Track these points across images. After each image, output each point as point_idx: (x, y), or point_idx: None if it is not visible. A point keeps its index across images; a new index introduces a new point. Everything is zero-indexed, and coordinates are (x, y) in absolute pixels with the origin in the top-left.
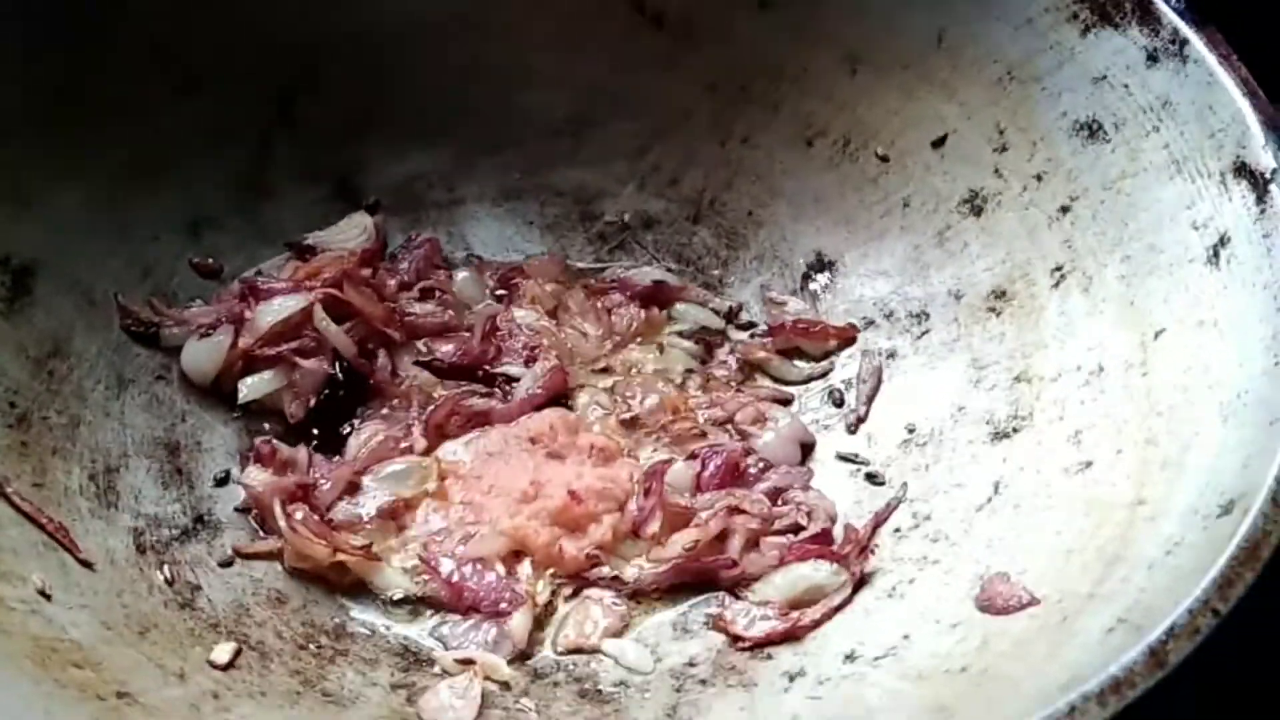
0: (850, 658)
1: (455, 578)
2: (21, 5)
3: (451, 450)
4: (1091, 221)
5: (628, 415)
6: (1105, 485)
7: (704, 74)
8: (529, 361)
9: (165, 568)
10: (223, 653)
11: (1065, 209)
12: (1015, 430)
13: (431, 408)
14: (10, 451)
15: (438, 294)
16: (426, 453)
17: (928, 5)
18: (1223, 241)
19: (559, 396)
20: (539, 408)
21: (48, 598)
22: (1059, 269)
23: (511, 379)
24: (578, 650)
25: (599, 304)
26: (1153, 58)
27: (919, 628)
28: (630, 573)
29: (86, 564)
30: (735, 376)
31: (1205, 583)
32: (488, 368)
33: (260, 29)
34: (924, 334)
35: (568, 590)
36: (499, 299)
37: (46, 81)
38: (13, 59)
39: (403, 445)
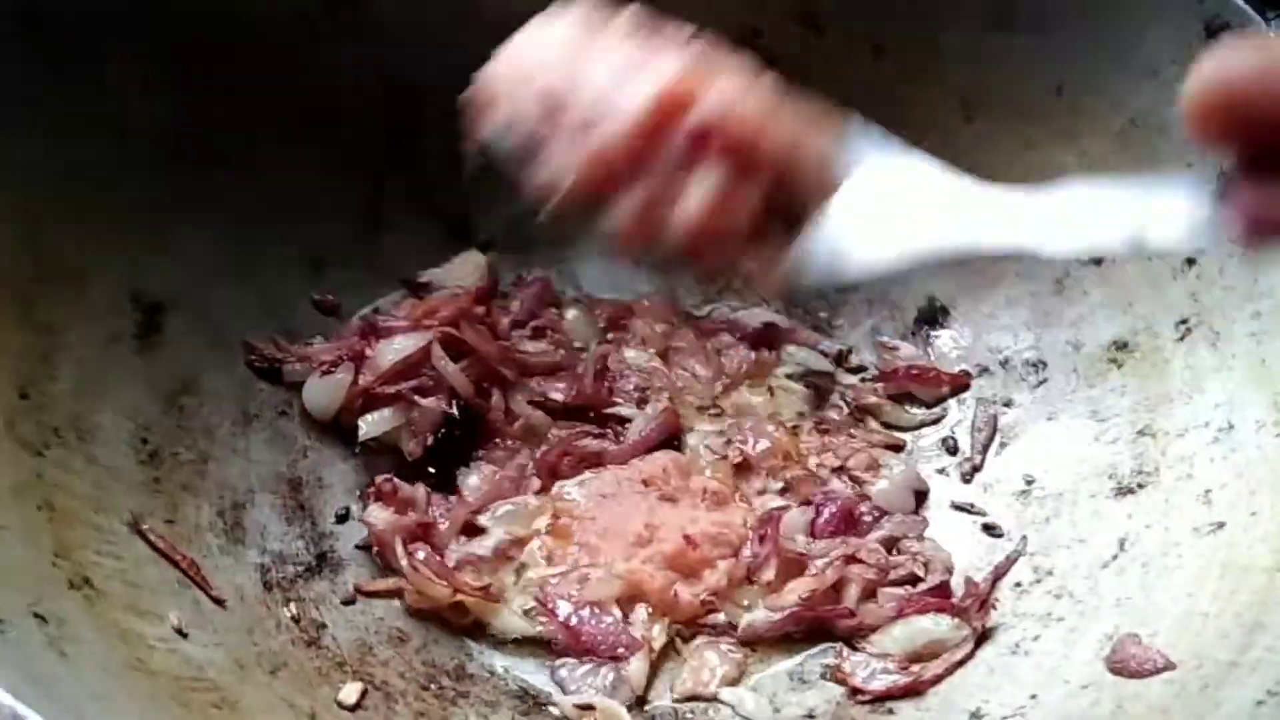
0: (976, 716)
1: (573, 621)
2: (142, 49)
3: (565, 490)
4: (1219, 276)
5: (739, 459)
6: (1241, 548)
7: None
8: (640, 403)
9: (291, 605)
10: (350, 693)
11: (1191, 261)
12: (1140, 486)
13: (545, 448)
14: (143, 489)
15: (549, 333)
16: (541, 492)
17: (1046, 54)
18: None
19: (671, 438)
20: (651, 449)
21: (185, 636)
22: (1184, 322)
23: (624, 420)
24: (695, 698)
25: (709, 345)
26: None
27: (1047, 688)
28: (745, 620)
29: (219, 601)
30: (847, 421)
31: None
32: (600, 409)
33: (376, 68)
34: (1041, 383)
35: (683, 636)
36: (608, 340)
37: (180, 123)
38: (150, 101)
39: (519, 484)
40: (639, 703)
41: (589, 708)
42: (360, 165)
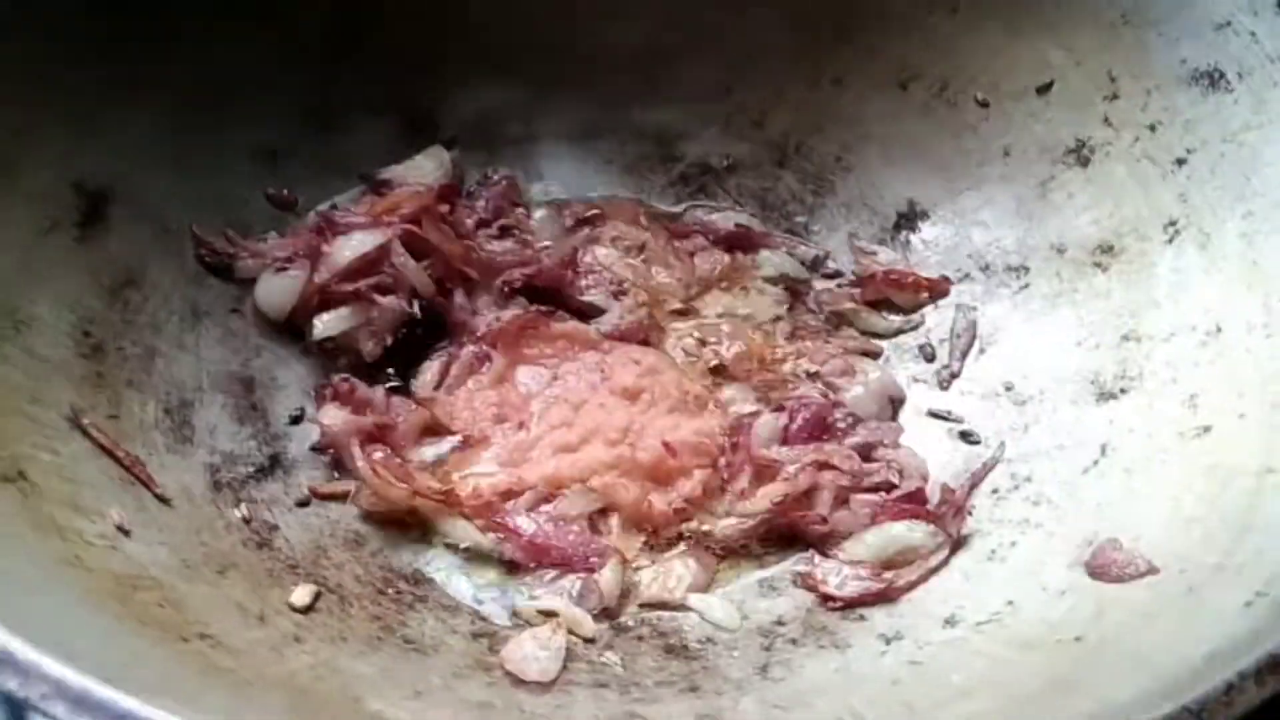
0: (951, 622)
1: (539, 538)
2: None
3: (531, 376)
4: (1210, 175)
5: (714, 362)
6: (1227, 451)
7: (792, 8)
8: (617, 295)
9: (242, 506)
10: (303, 595)
11: (1181, 161)
12: (1123, 391)
13: (510, 315)
14: (85, 382)
15: (516, 232)
16: (505, 374)
17: None
18: None
19: (644, 340)
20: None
21: (127, 534)
22: (1173, 224)
23: (596, 312)
24: (661, 605)
25: (681, 247)
26: None
27: (1024, 593)
28: (718, 527)
29: (164, 500)
30: (823, 326)
31: None
32: (571, 296)
33: None
34: (1023, 289)
35: (654, 545)
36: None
37: (117, 10)
38: None
39: (475, 370)
40: (605, 613)
41: (552, 614)
42: (314, 54)
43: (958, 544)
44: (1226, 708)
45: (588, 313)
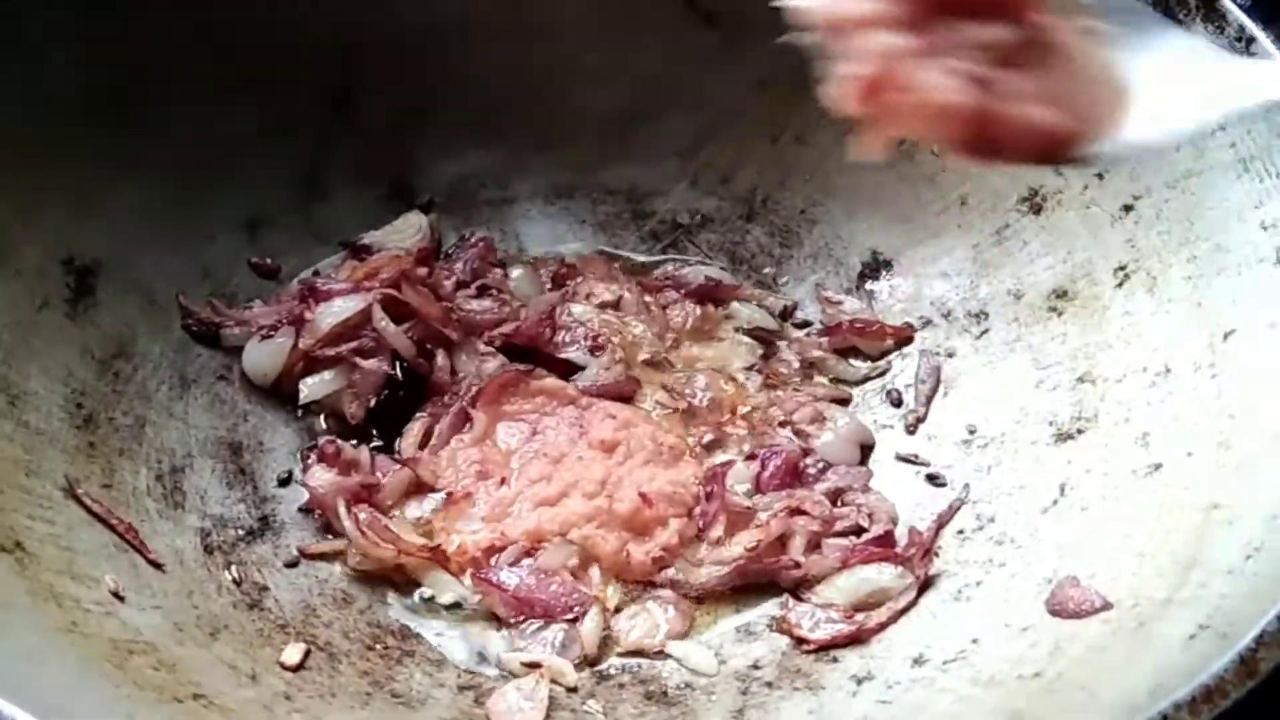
0: (919, 662)
1: (523, 592)
2: (80, 5)
3: (511, 433)
4: (1156, 220)
5: (684, 406)
6: (1177, 488)
7: (756, 70)
8: (594, 350)
9: (233, 568)
10: (293, 654)
11: (1128, 208)
12: (1080, 431)
13: (489, 377)
14: (79, 453)
15: (494, 292)
16: (486, 431)
17: None
18: None
19: (627, 395)
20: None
21: (121, 599)
22: (1122, 268)
23: (575, 367)
24: (640, 653)
25: (654, 301)
26: None
27: (988, 632)
28: (694, 575)
29: (157, 565)
30: (796, 376)
31: None
32: (549, 353)
33: (311, 29)
34: (983, 334)
35: (632, 595)
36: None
37: (105, 82)
38: (72, 59)
39: (458, 429)
40: (587, 661)
41: (536, 665)
42: (297, 125)
43: (926, 584)
44: None
45: (567, 368)
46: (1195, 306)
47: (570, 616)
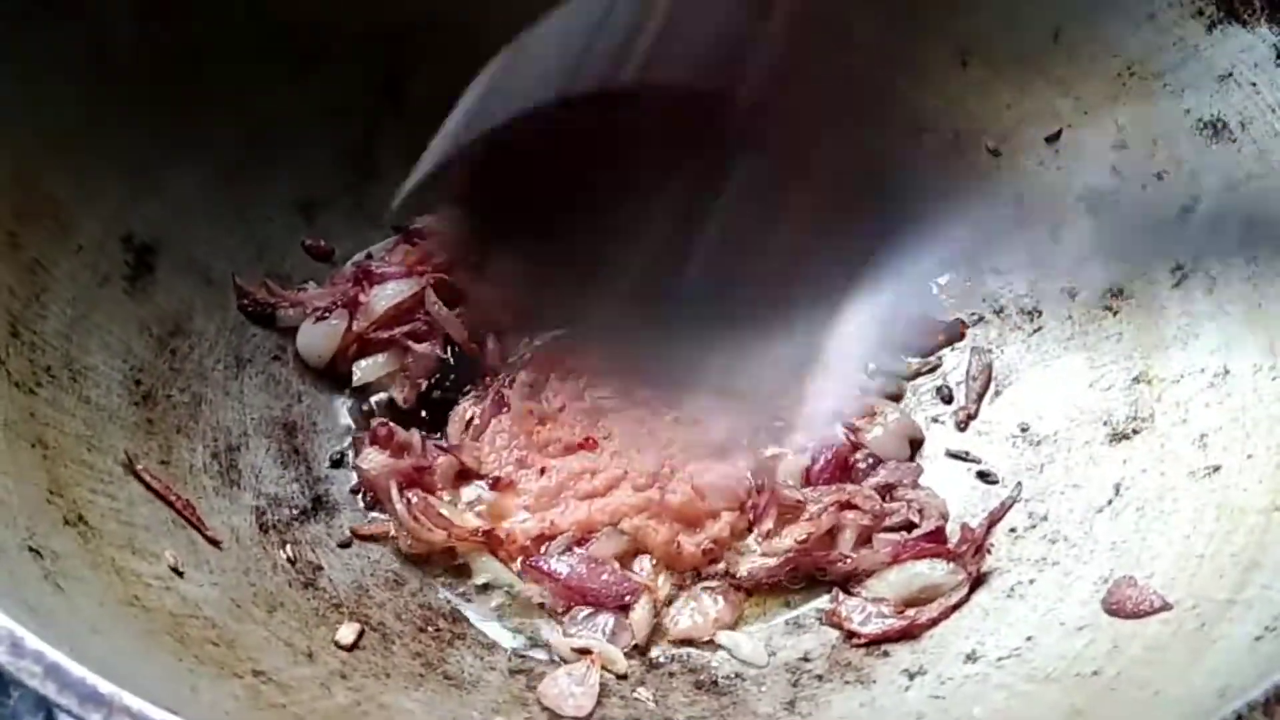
0: (972, 658)
1: (574, 580)
2: None
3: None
4: (1215, 221)
5: None
6: (1236, 490)
7: None
8: None
9: (287, 547)
10: (348, 633)
11: (1188, 209)
12: (1135, 432)
13: (526, 355)
14: (138, 429)
15: None
16: (528, 414)
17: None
18: None
19: None
20: None
21: (180, 575)
22: (1179, 268)
23: None
24: (690, 642)
25: None
26: None
27: (1043, 629)
28: (744, 567)
29: (214, 542)
30: None
31: None
32: None
33: (363, 11)
34: (1036, 331)
35: (682, 585)
36: None
37: (164, 63)
38: (131, 37)
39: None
40: (637, 649)
41: (586, 651)
42: (352, 108)
43: (977, 581)
44: None
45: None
46: (1255, 307)
47: (621, 605)
